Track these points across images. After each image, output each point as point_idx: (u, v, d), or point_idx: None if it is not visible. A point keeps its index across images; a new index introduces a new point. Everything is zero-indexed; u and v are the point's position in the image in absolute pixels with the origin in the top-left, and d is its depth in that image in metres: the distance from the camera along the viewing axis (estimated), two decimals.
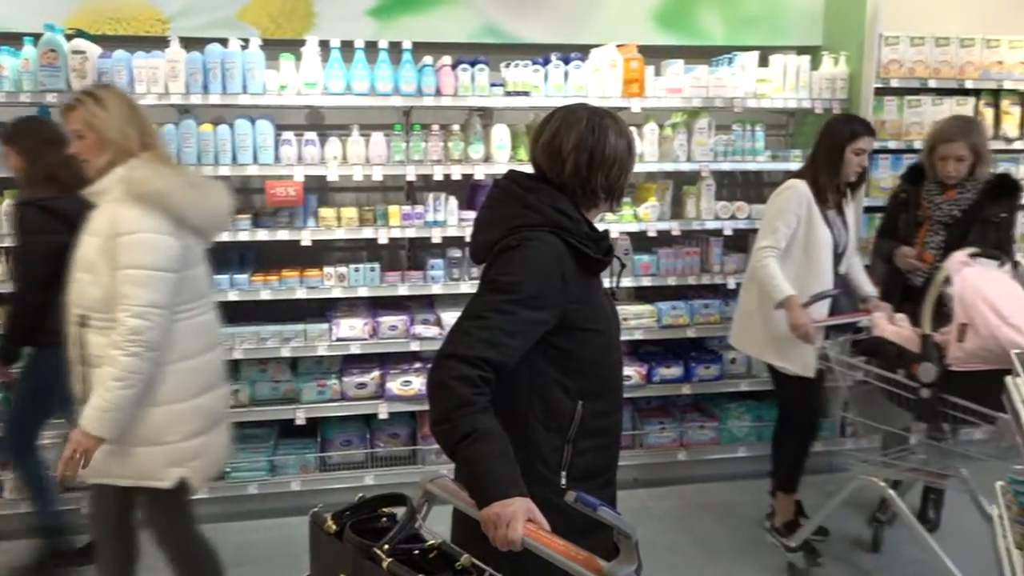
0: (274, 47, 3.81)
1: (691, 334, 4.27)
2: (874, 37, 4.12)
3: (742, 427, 4.40)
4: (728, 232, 4.23)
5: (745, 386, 4.33)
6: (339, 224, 3.90)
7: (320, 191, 4.18)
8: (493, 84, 3.89)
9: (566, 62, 3.95)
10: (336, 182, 4.00)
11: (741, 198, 4.38)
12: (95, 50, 3.62)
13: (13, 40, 3.68)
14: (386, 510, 1.55)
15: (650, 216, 4.14)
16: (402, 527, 1.45)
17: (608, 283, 1.98)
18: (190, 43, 3.73)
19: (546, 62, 3.95)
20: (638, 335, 4.21)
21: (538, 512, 1.52)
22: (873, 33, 4.12)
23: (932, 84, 4.26)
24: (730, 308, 4.12)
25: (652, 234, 4.17)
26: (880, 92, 4.22)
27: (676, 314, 4.24)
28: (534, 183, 1.84)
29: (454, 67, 3.84)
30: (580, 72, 3.94)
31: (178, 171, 2.52)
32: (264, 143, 3.76)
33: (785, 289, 3.23)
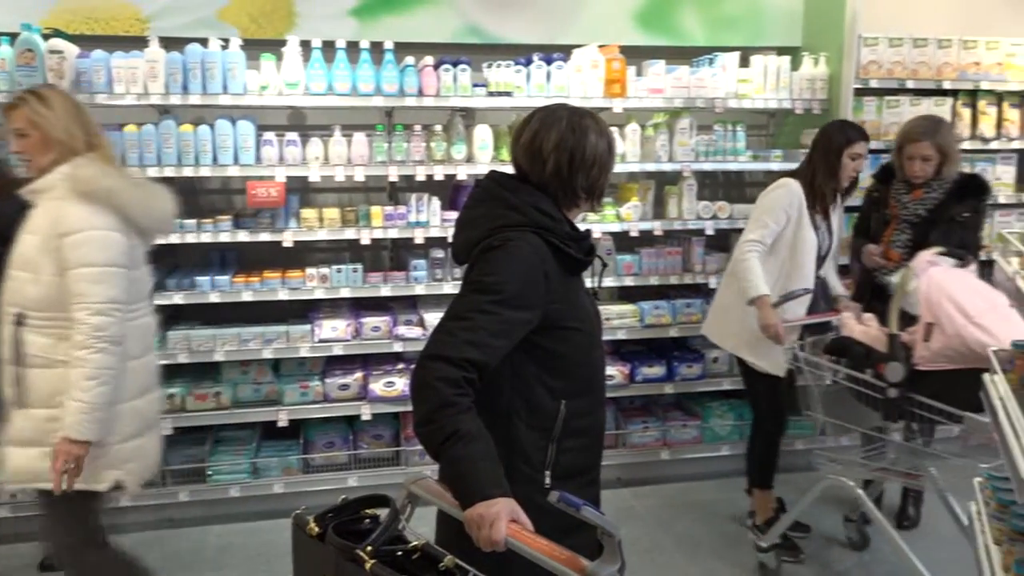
0: (255, 47, 3.79)
1: (673, 333, 4.29)
2: (853, 38, 4.16)
3: (724, 426, 4.42)
4: (710, 232, 4.25)
5: (727, 385, 4.35)
6: (321, 225, 3.88)
7: (302, 192, 4.16)
8: (475, 84, 3.89)
9: (548, 63, 3.95)
10: (318, 183, 3.98)
11: (723, 198, 4.40)
12: (73, 50, 3.58)
13: None
14: (369, 512, 1.55)
15: (632, 216, 4.15)
16: (385, 528, 1.45)
17: (590, 283, 1.98)
18: (170, 43, 3.70)
19: (528, 63, 3.95)
20: (621, 335, 4.22)
21: (521, 512, 1.52)
22: (852, 34, 4.15)
23: (910, 85, 4.30)
24: None
25: (634, 234, 4.18)
26: (859, 92, 4.25)
27: (659, 314, 4.25)
28: (515, 183, 1.85)
29: (436, 67, 3.84)
30: (562, 72, 3.95)
31: (123, 171, 2.51)
32: (245, 144, 3.74)
33: (760, 288, 3.25)
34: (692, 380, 4.34)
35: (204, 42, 3.69)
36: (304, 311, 4.13)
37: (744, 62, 4.28)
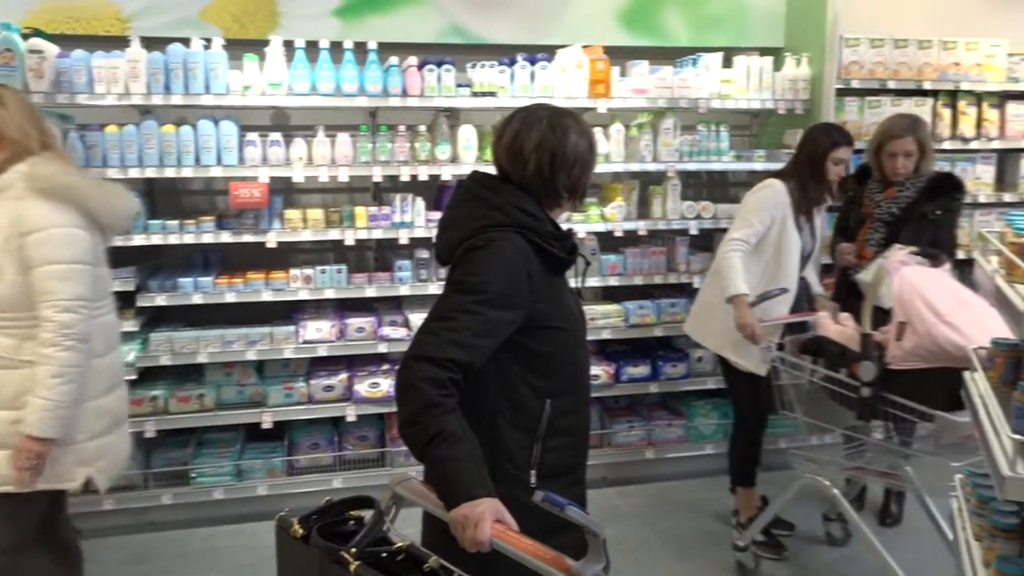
0: (237, 47, 3.77)
1: (658, 333, 4.30)
2: (835, 39, 4.18)
3: (709, 424, 4.44)
4: (694, 232, 4.26)
5: (712, 384, 4.36)
6: (305, 226, 3.86)
7: (285, 192, 4.15)
8: (459, 85, 3.88)
9: (532, 63, 3.96)
10: (302, 183, 3.97)
11: (706, 198, 4.42)
12: (53, 50, 3.55)
13: None
14: (354, 513, 1.54)
15: (617, 216, 4.16)
16: (369, 530, 1.45)
17: (574, 282, 1.99)
18: (151, 43, 3.67)
19: (512, 63, 3.95)
20: (606, 335, 4.23)
21: (506, 512, 1.52)
22: (834, 35, 4.17)
23: (891, 85, 4.34)
24: None
25: (619, 234, 4.19)
26: (841, 93, 4.28)
27: (643, 313, 4.27)
28: (497, 183, 1.85)
29: (420, 67, 3.83)
30: (546, 73, 3.95)
31: (80, 170, 2.49)
32: (228, 144, 3.71)
33: (739, 287, 3.25)
34: (677, 379, 4.36)
35: (186, 42, 3.67)
36: (288, 312, 4.11)
37: (727, 62, 4.30)
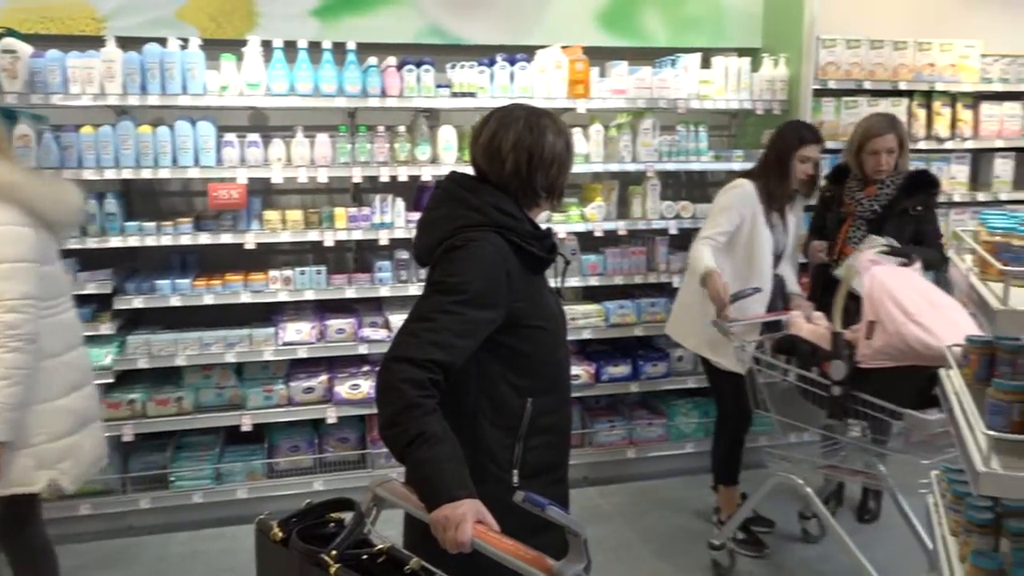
0: (215, 47, 3.74)
1: (638, 333, 4.32)
2: (811, 39, 4.22)
3: (689, 423, 4.46)
4: (673, 231, 4.29)
5: (692, 383, 4.39)
6: (284, 227, 3.84)
7: (264, 193, 4.12)
8: (439, 85, 3.88)
9: (512, 63, 3.96)
10: (280, 184, 3.95)
11: (686, 198, 4.45)
12: (27, 49, 3.51)
13: None
14: (334, 516, 1.53)
15: (596, 216, 4.17)
16: (350, 532, 1.44)
17: (554, 282, 1.99)
18: (127, 43, 3.64)
19: (492, 63, 3.95)
20: (586, 334, 4.24)
21: (487, 513, 1.51)
22: (811, 35, 4.21)
23: (868, 86, 4.38)
24: None
25: (599, 234, 4.20)
26: (818, 93, 4.32)
27: (623, 313, 4.28)
28: (475, 184, 1.85)
29: (399, 68, 3.82)
30: (526, 73, 3.96)
31: (27, 170, 2.47)
32: (205, 145, 3.69)
33: (709, 264, 3.22)
34: (657, 379, 4.37)
35: (163, 42, 3.64)
36: (267, 314, 4.09)
37: (705, 63, 4.32)
